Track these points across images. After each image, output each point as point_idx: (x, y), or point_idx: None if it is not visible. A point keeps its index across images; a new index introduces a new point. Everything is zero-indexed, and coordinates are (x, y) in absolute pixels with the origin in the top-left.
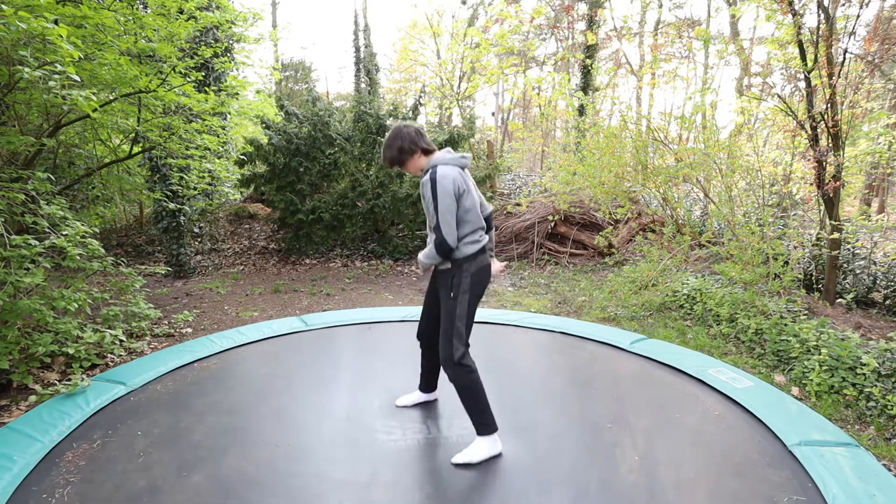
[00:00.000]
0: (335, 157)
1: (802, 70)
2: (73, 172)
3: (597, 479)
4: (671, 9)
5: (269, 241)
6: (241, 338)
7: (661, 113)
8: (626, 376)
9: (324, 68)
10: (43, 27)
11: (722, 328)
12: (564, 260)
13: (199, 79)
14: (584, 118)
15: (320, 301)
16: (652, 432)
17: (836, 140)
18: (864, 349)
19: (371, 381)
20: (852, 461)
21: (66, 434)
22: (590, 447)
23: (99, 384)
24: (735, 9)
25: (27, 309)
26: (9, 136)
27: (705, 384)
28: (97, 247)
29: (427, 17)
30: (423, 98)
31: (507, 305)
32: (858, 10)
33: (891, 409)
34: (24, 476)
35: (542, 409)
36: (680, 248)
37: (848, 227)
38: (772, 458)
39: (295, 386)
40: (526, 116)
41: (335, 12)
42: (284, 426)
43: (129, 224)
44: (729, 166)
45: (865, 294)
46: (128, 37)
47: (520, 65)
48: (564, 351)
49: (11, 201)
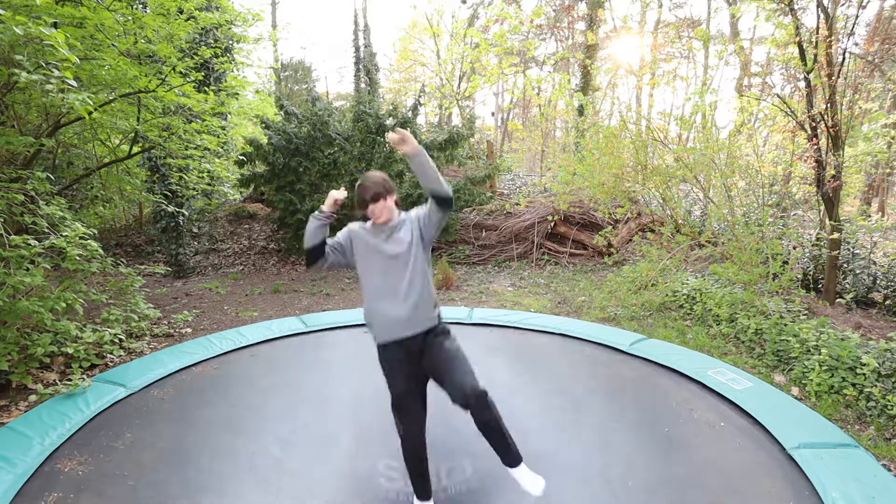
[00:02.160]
0: (335, 156)
1: (802, 70)
2: (72, 172)
3: (596, 479)
4: (671, 9)
5: (268, 241)
6: (240, 338)
7: (661, 113)
8: (625, 377)
9: (324, 68)
10: (40, 31)
11: (722, 328)
12: (564, 260)
13: (198, 79)
14: (583, 118)
15: (320, 301)
16: (651, 433)
17: (835, 140)
18: (864, 349)
19: (371, 381)
20: (851, 463)
21: (67, 437)
22: (589, 447)
23: (99, 385)
24: (735, 9)
25: (26, 310)
26: (8, 136)
27: (705, 386)
28: (96, 248)
29: (427, 17)
30: (423, 98)
31: (507, 305)
32: (858, 10)
33: (891, 409)
34: (24, 480)
35: (542, 407)
36: (679, 248)
37: (847, 227)
38: (770, 462)
39: (294, 386)
40: (525, 116)
41: (335, 12)
42: (284, 426)
43: (129, 224)
44: (728, 166)
45: (865, 294)
46: (127, 37)
47: (519, 65)
48: (564, 351)
49: (11, 201)
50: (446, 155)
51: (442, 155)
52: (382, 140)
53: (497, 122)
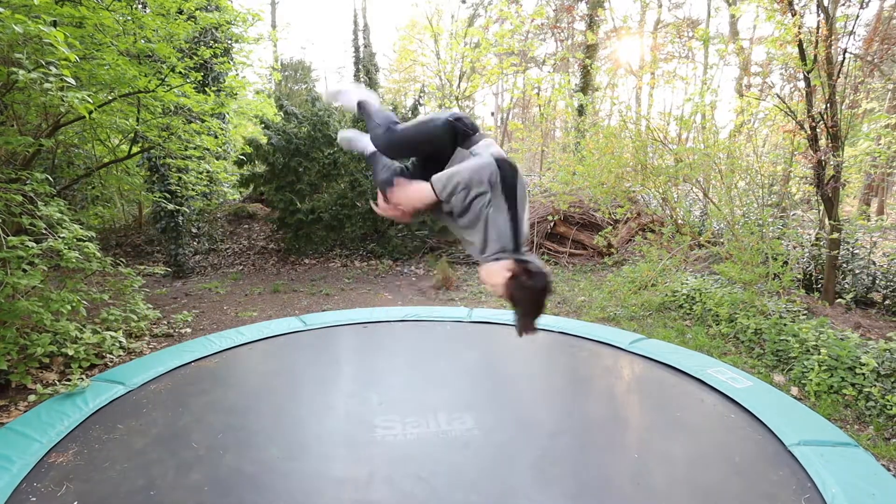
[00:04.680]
0: (334, 156)
1: (802, 70)
2: (71, 172)
3: (596, 478)
4: (670, 9)
5: (268, 241)
6: (240, 338)
7: (661, 113)
8: (625, 376)
9: (323, 68)
10: (39, 30)
11: (721, 328)
12: (564, 260)
13: (198, 79)
14: (583, 118)
15: (320, 301)
16: (651, 432)
17: (835, 140)
18: (864, 349)
19: (370, 382)
20: (851, 461)
21: (65, 434)
22: (589, 446)
23: (98, 384)
24: (735, 8)
25: (25, 310)
26: (7, 136)
27: (704, 384)
28: (94, 250)
29: (427, 17)
30: (423, 98)
31: (507, 305)
32: (858, 9)
33: (890, 408)
34: (22, 477)
35: (542, 409)
36: (679, 248)
37: (847, 227)
38: (771, 457)
39: (294, 386)
40: (525, 116)
41: (335, 12)
42: (283, 426)
43: (128, 224)
44: (728, 166)
45: (865, 294)
46: (127, 37)
47: (519, 65)
48: (564, 351)
49: (9, 202)
50: None
51: None
52: None
53: (497, 122)
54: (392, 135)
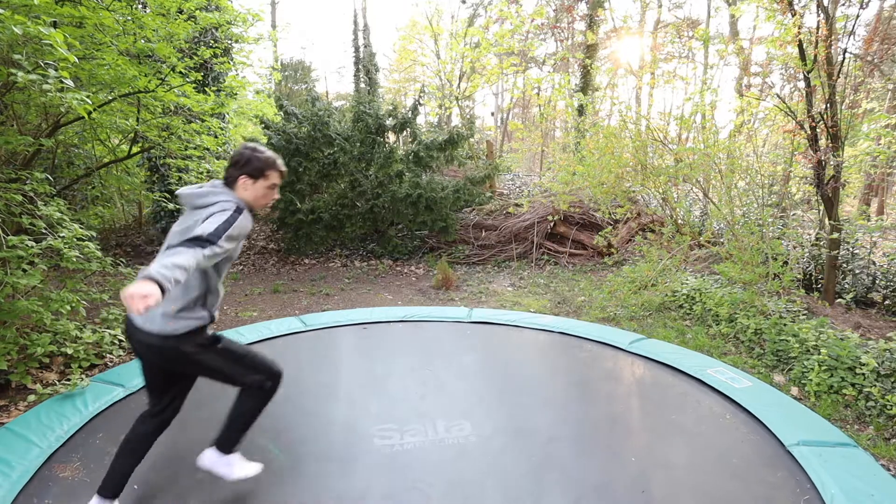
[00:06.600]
0: (334, 156)
1: (802, 70)
2: (71, 172)
3: (595, 480)
4: (671, 9)
5: (268, 241)
6: (239, 338)
7: (661, 113)
8: (624, 377)
9: (323, 68)
10: (39, 30)
11: (721, 328)
12: (564, 260)
13: (198, 79)
14: (583, 118)
15: (319, 301)
16: (650, 433)
17: (835, 140)
18: (864, 349)
19: (370, 381)
20: (851, 461)
21: (66, 439)
22: (588, 448)
23: (97, 385)
24: (735, 8)
25: (25, 310)
26: (7, 136)
27: (704, 384)
28: (93, 249)
29: (427, 17)
30: (423, 98)
31: (507, 305)
32: (858, 9)
33: (890, 408)
34: (23, 484)
35: (541, 409)
36: (679, 248)
37: (847, 227)
38: (770, 458)
39: (293, 386)
40: (525, 116)
41: (335, 12)
42: (283, 426)
43: (129, 224)
44: (728, 166)
45: (865, 294)
46: (127, 37)
47: (519, 65)
48: (563, 351)
49: (9, 202)
50: (446, 155)
51: (442, 155)
52: (382, 140)
53: (497, 122)
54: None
